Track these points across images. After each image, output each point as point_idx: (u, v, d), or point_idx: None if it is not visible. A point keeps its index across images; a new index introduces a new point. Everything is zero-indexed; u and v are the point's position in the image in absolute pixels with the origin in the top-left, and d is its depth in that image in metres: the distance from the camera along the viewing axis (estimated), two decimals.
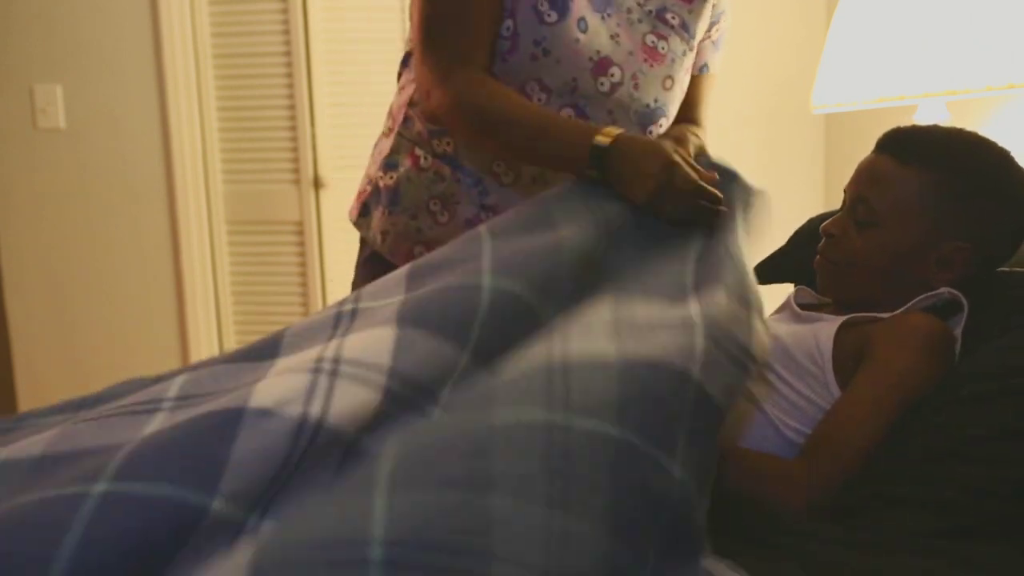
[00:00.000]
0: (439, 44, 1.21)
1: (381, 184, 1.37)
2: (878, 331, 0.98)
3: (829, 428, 0.93)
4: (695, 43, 1.34)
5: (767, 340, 0.87)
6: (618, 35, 1.28)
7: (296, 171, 2.63)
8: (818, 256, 1.11)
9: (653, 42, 1.31)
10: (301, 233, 2.65)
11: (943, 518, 0.77)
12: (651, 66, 1.30)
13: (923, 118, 1.74)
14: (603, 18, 1.27)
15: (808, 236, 1.27)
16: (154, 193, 2.65)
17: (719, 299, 0.87)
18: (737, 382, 0.81)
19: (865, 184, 1.07)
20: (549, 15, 1.22)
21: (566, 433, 0.69)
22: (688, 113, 1.40)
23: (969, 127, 1.11)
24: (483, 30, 1.20)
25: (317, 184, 2.62)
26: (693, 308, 0.87)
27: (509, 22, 1.21)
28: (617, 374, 0.75)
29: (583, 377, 0.74)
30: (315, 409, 0.72)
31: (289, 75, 2.58)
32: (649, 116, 1.32)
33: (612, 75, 1.28)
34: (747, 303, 0.89)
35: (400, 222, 1.35)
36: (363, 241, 1.43)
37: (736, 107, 2.59)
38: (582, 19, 1.25)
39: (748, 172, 1.47)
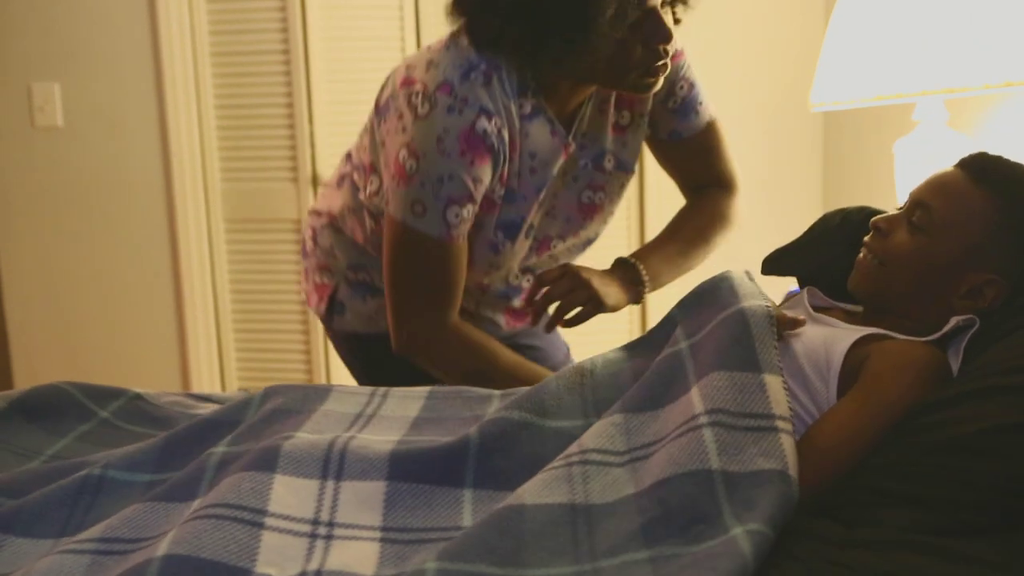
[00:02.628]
0: (410, 287, 1.21)
1: (352, 278, 1.39)
2: (878, 353, 0.96)
3: (809, 435, 0.92)
4: (634, 168, 1.36)
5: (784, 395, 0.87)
6: (555, 207, 1.31)
7: (294, 169, 2.63)
8: (863, 250, 1.09)
9: (589, 197, 1.33)
10: (299, 231, 2.65)
11: (944, 515, 0.77)
12: (590, 219, 1.35)
13: (921, 116, 1.75)
14: (540, 202, 1.27)
15: (822, 233, 1.26)
16: (152, 191, 2.64)
17: (716, 381, 0.87)
18: (771, 444, 0.80)
19: (931, 191, 1.05)
20: (503, 245, 1.27)
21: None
22: (716, 176, 1.42)
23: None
24: (460, 277, 1.22)
25: (315, 182, 2.62)
26: (696, 404, 0.86)
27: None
28: (636, 507, 0.78)
29: (606, 525, 0.78)
30: (312, 566, 0.77)
31: (287, 73, 2.58)
32: (589, 244, 1.41)
33: (555, 246, 1.35)
34: (754, 365, 0.88)
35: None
36: (335, 327, 1.44)
37: (735, 105, 2.59)
38: (531, 226, 1.29)
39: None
